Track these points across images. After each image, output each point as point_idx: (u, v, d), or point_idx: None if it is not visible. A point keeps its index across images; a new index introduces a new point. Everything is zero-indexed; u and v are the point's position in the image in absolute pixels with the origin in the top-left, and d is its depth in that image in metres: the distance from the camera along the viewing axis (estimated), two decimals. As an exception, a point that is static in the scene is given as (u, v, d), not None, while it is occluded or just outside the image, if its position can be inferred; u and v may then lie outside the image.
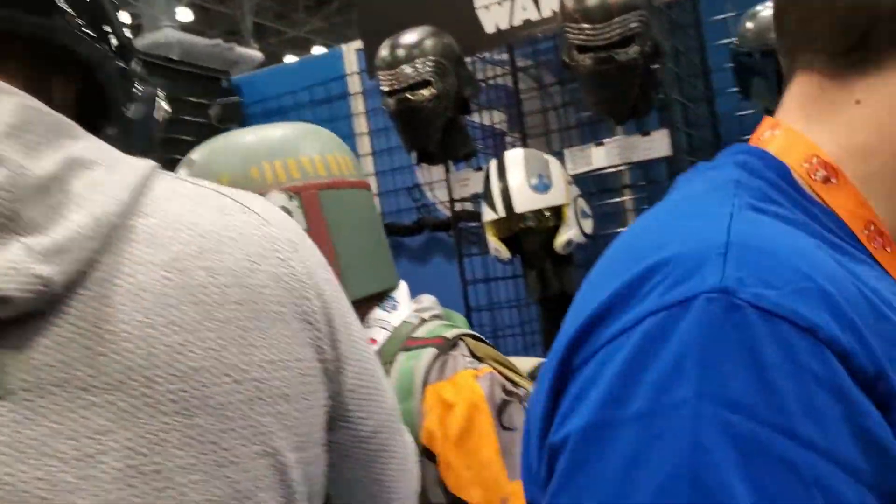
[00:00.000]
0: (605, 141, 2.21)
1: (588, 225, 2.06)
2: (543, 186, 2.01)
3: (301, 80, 3.33)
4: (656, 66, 2.05)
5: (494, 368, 1.09)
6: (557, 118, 2.85)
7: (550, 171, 2.04)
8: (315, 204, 1.12)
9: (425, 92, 2.03)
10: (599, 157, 2.21)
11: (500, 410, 1.03)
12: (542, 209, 2.04)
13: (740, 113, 2.64)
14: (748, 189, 0.53)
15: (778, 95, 0.63)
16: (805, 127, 0.57)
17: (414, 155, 2.21)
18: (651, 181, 2.69)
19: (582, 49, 1.88)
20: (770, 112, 0.61)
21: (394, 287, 1.18)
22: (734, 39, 2.40)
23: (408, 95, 2.01)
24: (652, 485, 0.42)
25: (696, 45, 2.60)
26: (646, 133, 2.16)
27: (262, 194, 1.04)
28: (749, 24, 2.36)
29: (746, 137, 0.61)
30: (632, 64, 1.85)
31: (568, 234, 2.02)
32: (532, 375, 1.24)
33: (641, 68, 1.88)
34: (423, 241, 3.19)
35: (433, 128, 2.05)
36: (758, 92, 2.40)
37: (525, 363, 1.26)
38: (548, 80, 2.85)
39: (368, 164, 3.26)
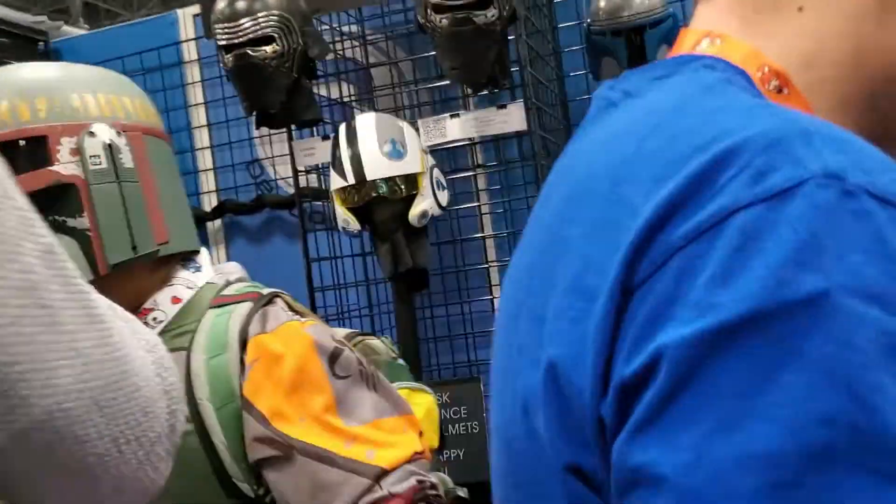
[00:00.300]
0: (460, 113, 2.13)
1: (444, 197, 1.97)
2: (397, 153, 1.90)
3: (131, 45, 3.06)
4: (512, 37, 1.99)
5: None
6: (409, 94, 2.75)
7: (405, 138, 1.93)
8: (141, 146, 1.09)
9: (268, 48, 1.87)
10: (454, 129, 2.12)
11: (331, 359, 1.02)
12: (395, 177, 1.93)
13: (589, 96, 2.64)
14: (743, 89, 0.48)
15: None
16: (745, 36, 0.53)
17: (254, 123, 2.03)
18: (503, 161, 2.63)
19: (438, 8, 1.78)
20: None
21: (197, 251, 1.15)
22: (586, 20, 2.39)
23: (248, 51, 1.85)
24: (793, 393, 0.36)
25: (548, 26, 2.57)
26: (501, 106, 2.09)
27: (87, 125, 0.97)
28: (601, 3, 2.34)
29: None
30: (490, 27, 1.77)
31: (423, 205, 1.92)
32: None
33: (499, 34, 1.81)
34: (262, 219, 3.01)
35: (275, 88, 1.89)
36: (608, 73, 2.39)
37: (338, 332, 1.25)
38: (400, 55, 2.75)
39: (204, 137, 3.04)
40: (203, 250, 1.17)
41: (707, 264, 0.38)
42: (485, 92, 2.08)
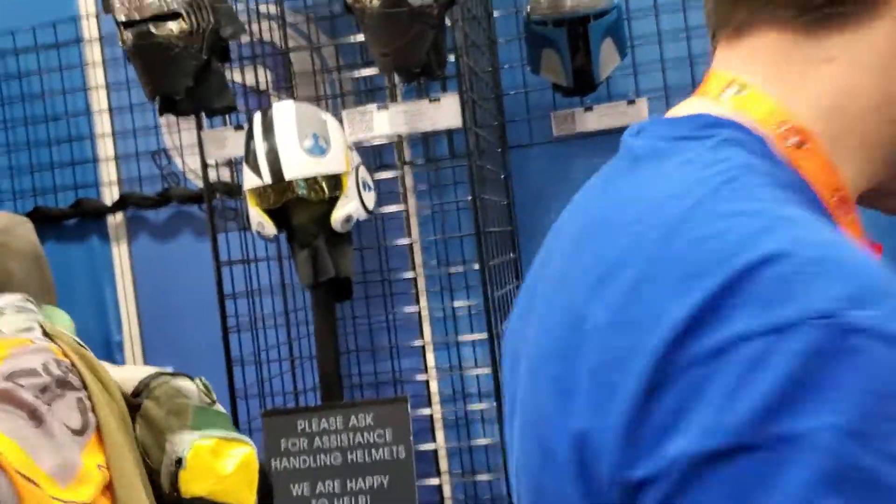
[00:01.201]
0: (389, 105, 1.94)
1: (370, 199, 1.78)
2: (319, 149, 1.70)
3: (23, 18, 2.77)
4: (448, 23, 1.81)
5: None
6: (331, 83, 2.54)
7: (328, 132, 1.73)
8: None
9: (174, 26, 1.64)
10: (382, 122, 1.93)
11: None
12: (316, 177, 1.73)
13: (525, 90, 2.48)
14: (761, 175, 0.50)
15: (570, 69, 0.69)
16: (770, 86, 0.55)
17: (158, 106, 1.79)
18: (432, 158, 2.45)
19: (371, -12, 1.60)
20: (560, 88, 0.68)
21: None
22: (527, 8, 2.23)
23: (151, 28, 1.62)
24: None
25: (483, 13, 2.39)
26: (434, 99, 1.90)
27: None
28: (543, -8, 2.19)
29: (529, 116, 0.73)
30: (426, 10, 1.59)
31: (347, 209, 1.72)
32: (140, 389, 1.18)
33: (436, 18, 1.63)
34: (169, 215, 2.77)
35: (182, 71, 1.66)
36: (548, 66, 2.23)
37: (138, 372, 1.20)
38: (322, 39, 2.54)
39: (105, 123, 2.77)
40: None
41: (714, 387, 0.42)
42: (414, 83, 1.90)
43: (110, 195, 2.78)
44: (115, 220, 2.79)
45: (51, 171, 2.80)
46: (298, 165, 1.68)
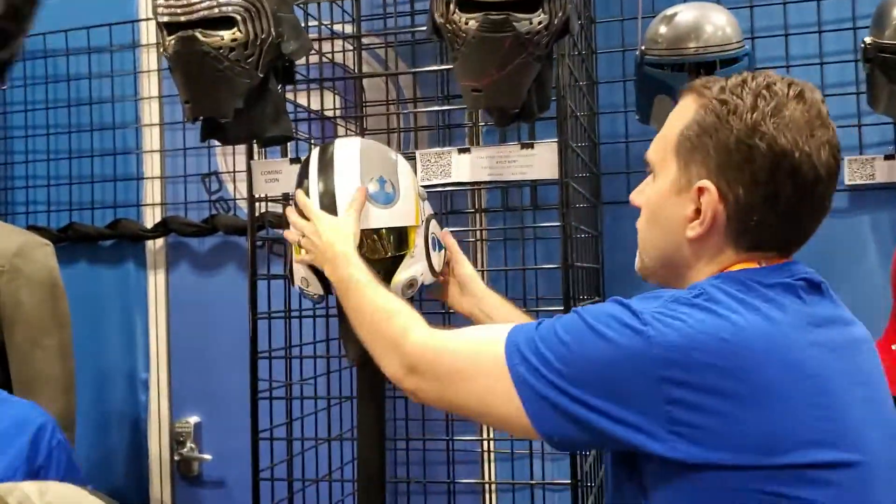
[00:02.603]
0: (471, 148, 1.62)
1: (439, 260, 1.46)
2: (385, 197, 1.39)
3: (78, 16, 2.54)
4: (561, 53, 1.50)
5: None
6: (405, 116, 2.25)
7: (398, 176, 1.42)
8: None
9: (225, 34, 1.35)
10: (462, 167, 1.62)
11: None
12: (380, 230, 1.42)
13: (627, 140, 2.15)
14: None
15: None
16: None
17: (201, 130, 1.50)
18: (512, 208, 2.13)
19: (466, 5, 1.28)
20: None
21: None
22: (640, 47, 1.90)
23: (197, 34, 1.33)
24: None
25: (587, 50, 2.08)
26: (527, 145, 1.58)
27: None
28: (661, 29, 1.86)
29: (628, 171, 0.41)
30: (534, 38, 1.28)
31: (412, 271, 1.41)
32: None
33: (545, 47, 1.31)
34: (213, 244, 2.49)
35: (231, 90, 1.37)
36: (660, 114, 1.90)
37: None
38: (400, 66, 2.25)
39: (154, 138, 2.51)
40: None
41: None
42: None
43: (152, 217, 2.52)
44: (155, 245, 2.53)
45: (90, 184, 2.55)
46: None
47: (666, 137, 1.03)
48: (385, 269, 1.40)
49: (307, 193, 1.40)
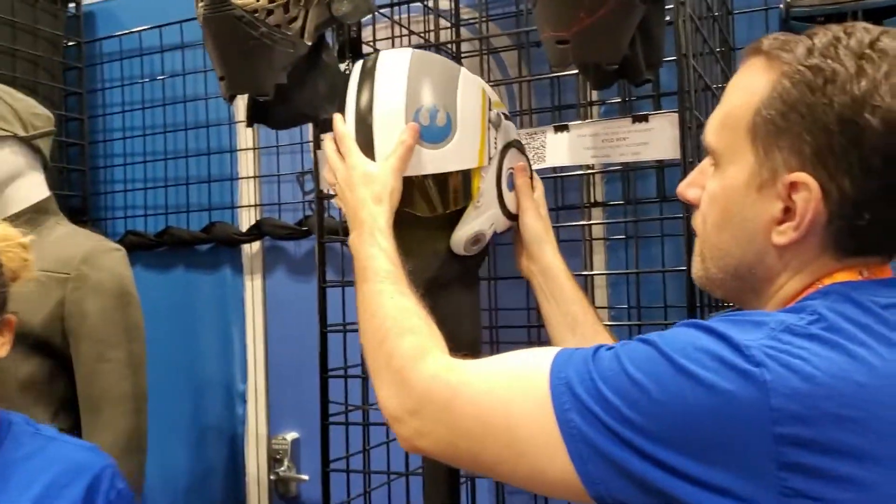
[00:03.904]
0: (570, 125, 1.34)
1: (513, 200, 1.18)
2: (437, 133, 1.09)
3: (173, 11, 2.42)
4: (671, 5, 1.20)
5: None
6: (509, 96, 1.97)
7: (458, 100, 1.11)
8: None
9: (262, -5, 1.13)
10: (559, 149, 1.34)
11: None
12: (427, 177, 1.12)
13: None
14: None
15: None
16: None
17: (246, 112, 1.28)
18: (633, 201, 1.82)
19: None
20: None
21: None
22: (783, 2, 1.56)
23: (229, -5, 1.11)
24: None
25: (722, 10, 1.74)
26: (640, 118, 1.29)
27: None
28: (811, -27, 1.51)
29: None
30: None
31: (476, 225, 1.14)
32: None
33: (649, -12, 1.02)
34: (309, 248, 2.31)
35: (270, 61, 1.14)
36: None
37: None
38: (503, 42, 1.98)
39: (248, 135, 2.36)
40: None
41: None
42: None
43: (248, 220, 2.36)
44: (251, 249, 2.37)
45: (186, 186, 2.43)
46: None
47: (734, 116, 0.80)
48: (440, 226, 1.14)
49: (344, 119, 1.14)
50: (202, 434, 2.39)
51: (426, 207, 1.14)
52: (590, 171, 1.71)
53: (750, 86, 0.78)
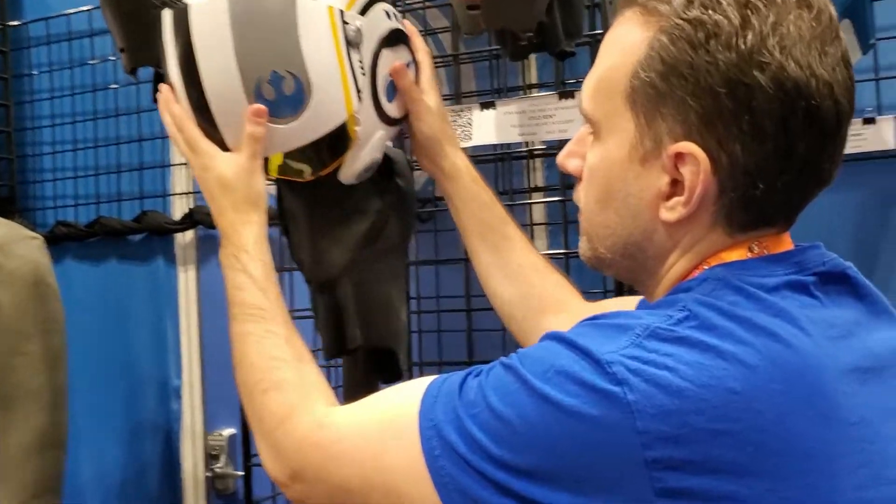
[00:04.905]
0: (496, 101, 1.29)
1: (396, 108, 1.04)
2: (289, 102, 0.94)
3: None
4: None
5: None
6: (449, 77, 1.92)
7: (303, 50, 0.94)
8: None
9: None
10: (485, 128, 1.29)
11: None
12: (293, 151, 1.00)
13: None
14: None
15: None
16: None
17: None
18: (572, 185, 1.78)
19: None
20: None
21: None
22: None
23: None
24: None
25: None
26: (566, 94, 1.24)
27: None
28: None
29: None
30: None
31: (362, 160, 1.03)
32: None
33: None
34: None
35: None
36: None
37: None
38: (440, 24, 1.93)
39: (180, 121, 2.28)
40: None
41: None
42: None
43: (181, 208, 2.29)
44: (185, 238, 2.30)
45: (117, 174, 2.34)
46: (236, 124, 0.96)
47: (609, 80, 0.70)
48: (353, 207, 1.08)
49: (172, 85, 0.99)
50: (136, 431, 2.31)
51: (302, 173, 1.03)
52: (532, 155, 1.66)
53: (625, 43, 0.69)
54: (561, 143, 1.63)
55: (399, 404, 0.71)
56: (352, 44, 0.98)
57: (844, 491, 0.59)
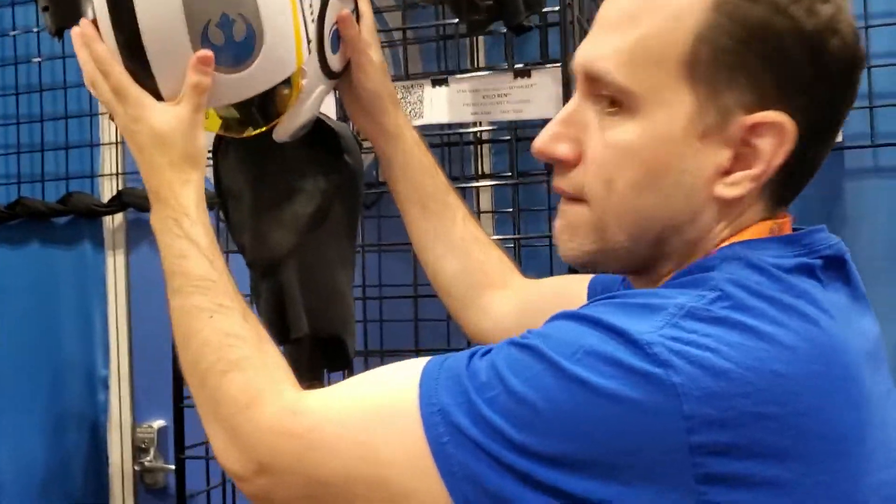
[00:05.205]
0: (449, 78, 1.24)
1: (339, 61, 0.95)
2: (239, 49, 0.85)
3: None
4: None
5: None
6: (392, 52, 1.86)
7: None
8: None
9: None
10: (438, 105, 1.23)
11: None
12: (240, 103, 0.90)
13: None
14: None
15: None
16: None
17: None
18: (523, 172, 1.74)
19: None
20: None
21: None
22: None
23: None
24: None
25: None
26: (522, 72, 1.20)
27: None
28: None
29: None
30: None
31: (303, 115, 0.94)
32: None
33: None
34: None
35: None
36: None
37: None
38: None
39: (110, 98, 2.17)
40: None
41: None
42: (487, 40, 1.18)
43: (110, 190, 2.18)
44: (113, 222, 2.19)
45: (41, 153, 2.22)
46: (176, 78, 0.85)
47: (656, 48, 0.64)
48: (300, 179, 1.01)
49: (96, 20, 0.86)
50: (60, 422, 2.19)
51: (243, 128, 0.95)
52: (477, 139, 1.61)
53: (671, 6, 0.63)
54: (510, 126, 1.60)
55: (390, 388, 0.65)
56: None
57: (870, 473, 0.58)
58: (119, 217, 2.17)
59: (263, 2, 0.84)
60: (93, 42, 0.85)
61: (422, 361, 0.64)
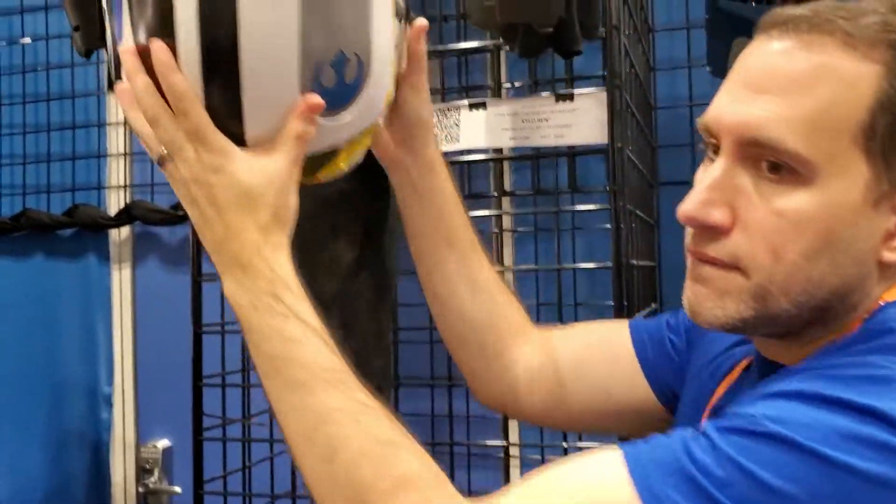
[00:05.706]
0: (487, 101, 1.20)
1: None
2: (345, 93, 0.73)
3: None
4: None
5: None
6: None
7: (372, 28, 0.73)
8: None
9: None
10: (475, 129, 1.19)
11: None
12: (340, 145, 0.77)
13: (691, 103, 1.71)
14: None
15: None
16: None
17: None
18: (543, 191, 1.70)
19: None
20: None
21: None
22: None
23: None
24: None
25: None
26: (564, 97, 1.15)
27: None
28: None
29: (693, 141, 0.47)
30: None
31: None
32: None
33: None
34: (185, 235, 2.09)
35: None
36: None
37: None
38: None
39: (118, 109, 2.11)
40: None
41: None
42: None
43: (116, 202, 2.12)
44: (120, 235, 2.13)
45: (47, 164, 2.16)
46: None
47: (830, 118, 0.63)
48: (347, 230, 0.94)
49: (176, 58, 0.69)
50: (62, 440, 2.13)
51: (338, 171, 0.81)
52: (500, 157, 1.57)
53: (843, 76, 0.63)
54: (537, 151, 1.56)
55: (594, 483, 0.58)
56: (399, 16, 0.77)
57: None
58: (125, 230, 2.12)
59: (377, 36, 0.73)
60: (171, 73, 0.69)
61: (613, 452, 0.58)
